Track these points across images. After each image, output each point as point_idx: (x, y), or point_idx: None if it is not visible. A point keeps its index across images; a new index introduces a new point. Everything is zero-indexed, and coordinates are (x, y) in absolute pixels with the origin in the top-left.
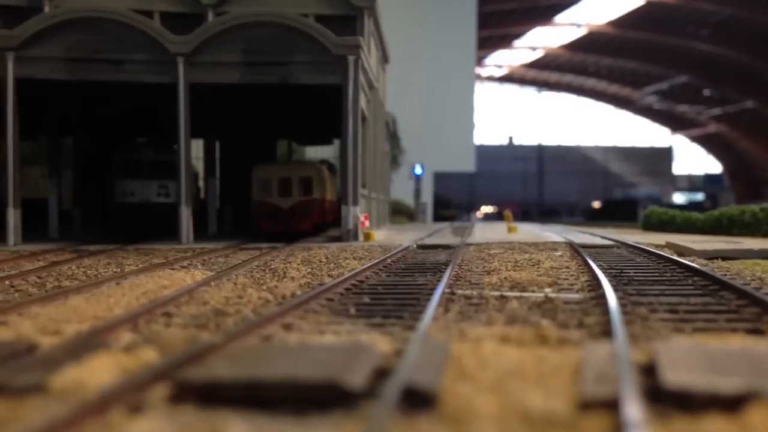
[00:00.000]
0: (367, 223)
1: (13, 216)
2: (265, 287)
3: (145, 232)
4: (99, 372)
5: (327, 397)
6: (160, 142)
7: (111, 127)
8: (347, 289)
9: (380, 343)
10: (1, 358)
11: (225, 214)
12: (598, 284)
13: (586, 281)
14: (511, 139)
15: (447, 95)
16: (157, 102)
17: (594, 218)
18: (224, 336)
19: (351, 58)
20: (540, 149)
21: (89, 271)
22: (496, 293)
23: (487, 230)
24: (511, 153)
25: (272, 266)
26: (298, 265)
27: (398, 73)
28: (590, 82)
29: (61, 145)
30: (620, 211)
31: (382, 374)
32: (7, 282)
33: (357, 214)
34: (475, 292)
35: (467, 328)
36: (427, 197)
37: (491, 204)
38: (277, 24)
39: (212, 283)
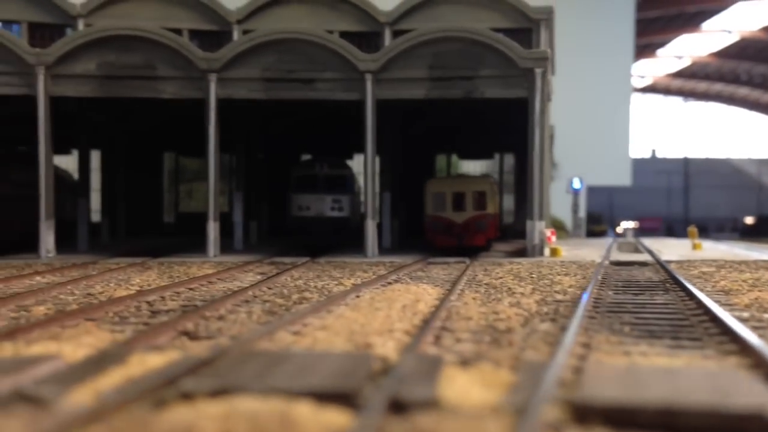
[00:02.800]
0: (553, 239)
1: (213, 229)
2: (506, 302)
3: (323, 245)
4: (468, 387)
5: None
6: (334, 158)
7: (281, 144)
8: (594, 307)
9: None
10: (374, 373)
11: (393, 228)
12: None
13: None
14: (654, 151)
15: (602, 105)
16: (322, 117)
17: (747, 234)
18: (574, 358)
19: (538, 71)
20: (686, 162)
21: (311, 283)
22: None
23: (660, 246)
24: (654, 166)
25: (485, 281)
26: (512, 280)
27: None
28: (742, 91)
29: (245, 162)
30: None
31: None
32: (250, 292)
33: (543, 229)
34: (746, 314)
35: None
36: (582, 212)
37: (631, 219)
38: (463, 39)
39: (452, 298)
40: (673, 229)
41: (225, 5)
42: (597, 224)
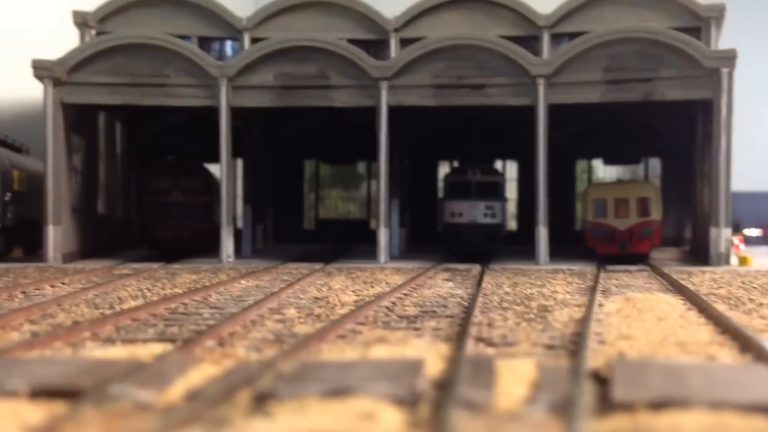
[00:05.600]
0: (741, 247)
1: (384, 235)
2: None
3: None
4: None
5: None
6: (486, 165)
7: (424, 150)
8: None
9: None
10: None
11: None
12: None
13: None
14: None
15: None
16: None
17: None
18: None
19: (725, 71)
20: None
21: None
22: None
23: None
24: None
25: (714, 292)
26: (737, 289)
27: None
28: None
29: (396, 169)
30: None
31: None
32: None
33: (729, 236)
34: None
35: None
36: None
37: (755, 226)
38: (641, 39)
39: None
40: None
41: (383, 14)
42: (735, 230)
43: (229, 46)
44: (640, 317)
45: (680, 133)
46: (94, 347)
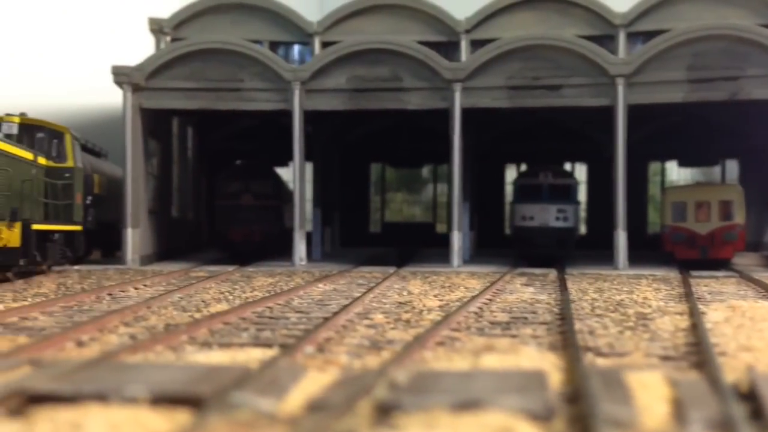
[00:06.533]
0: None
1: (457, 239)
2: None
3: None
4: None
5: None
6: (558, 167)
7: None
8: None
9: None
10: None
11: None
12: None
13: None
14: None
15: None
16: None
17: None
18: None
19: None
20: None
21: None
22: None
23: None
24: None
25: None
26: None
27: None
28: None
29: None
30: None
31: None
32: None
33: None
34: None
35: None
36: None
37: None
38: (726, 36)
39: None
40: None
41: (454, 16)
42: None
43: (295, 50)
44: (755, 327)
45: (759, 133)
46: (193, 351)
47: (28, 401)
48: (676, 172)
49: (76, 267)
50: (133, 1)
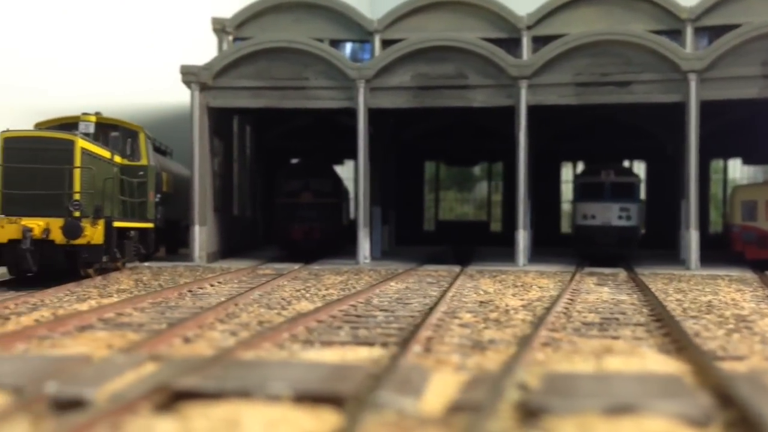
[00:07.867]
0: None
1: (523, 238)
2: None
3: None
4: None
5: None
6: (620, 165)
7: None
8: None
9: None
10: None
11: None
12: None
13: None
14: None
15: None
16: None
17: None
18: None
19: None
20: None
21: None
22: None
23: None
24: None
25: None
26: None
27: None
28: None
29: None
30: None
31: None
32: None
33: None
34: None
35: None
36: None
37: None
38: None
39: None
40: None
41: (516, 12)
42: None
43: (347, 48)
44: None
45: None
46: (299, 349)
47: (174, 397)
48: (738, 170)
49: (146, 264)
50: (195, 1)
